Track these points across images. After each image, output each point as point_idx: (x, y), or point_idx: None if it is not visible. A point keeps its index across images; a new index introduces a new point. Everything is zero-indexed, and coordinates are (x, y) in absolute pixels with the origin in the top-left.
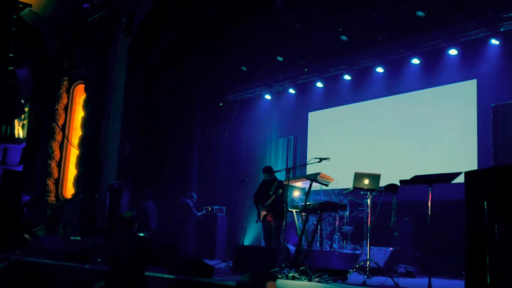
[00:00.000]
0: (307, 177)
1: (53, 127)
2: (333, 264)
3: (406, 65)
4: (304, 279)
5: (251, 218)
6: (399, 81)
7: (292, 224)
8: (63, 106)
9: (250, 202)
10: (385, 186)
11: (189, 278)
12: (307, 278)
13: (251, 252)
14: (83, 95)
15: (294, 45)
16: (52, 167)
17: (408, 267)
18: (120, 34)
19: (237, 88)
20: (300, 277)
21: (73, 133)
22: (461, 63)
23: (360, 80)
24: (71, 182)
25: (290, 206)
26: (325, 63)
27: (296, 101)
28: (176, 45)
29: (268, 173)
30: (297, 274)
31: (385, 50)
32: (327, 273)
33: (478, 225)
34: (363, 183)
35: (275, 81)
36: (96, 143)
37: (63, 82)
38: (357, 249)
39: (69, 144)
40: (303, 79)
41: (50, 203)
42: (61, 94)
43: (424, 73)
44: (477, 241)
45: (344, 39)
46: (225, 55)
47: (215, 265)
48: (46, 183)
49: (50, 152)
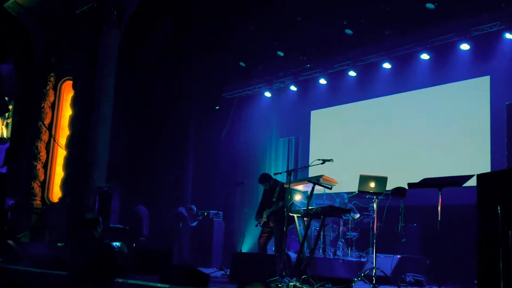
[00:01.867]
0: (309, 180)
1: (39, 126)
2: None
3: (415, 61)
4: None
5: (250, 223)
6: (407, 77)
7: (293, 230)
8: (50, 104)
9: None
10: (392, 190)
11: (183, 287)
12: (309, 287)
13: (250, 259)
14: (71, 92)
15: (295, 39)
16: (38, 168)
17: (417, 275)
18: (111, 27)
19: (235, 85)
20: (302, 286)
21: (61, 133)
22: (474, 59)
23: (366, 77)
24: (58, 185)
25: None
26: (329, 59)
27: (297, 99)
28: (170, 39)
29: (265, 182)
30: (298, 283)
31: (393, 45)
32: (330, 282)
33: (491, 231)
34: (369, 186)
35: (276, 77)
36: (85, 143)
37: (50, 78)
38: (363, 256)
39: (56, 144)
40: (305, 76)
41: (36, 207)
42: (48, 91)
43: (434, 69)
44: (490, 248)
45: (349, 33)
46: (222, 50)
47: (211, 273)
48: (31, 186)
49: (36, 153)
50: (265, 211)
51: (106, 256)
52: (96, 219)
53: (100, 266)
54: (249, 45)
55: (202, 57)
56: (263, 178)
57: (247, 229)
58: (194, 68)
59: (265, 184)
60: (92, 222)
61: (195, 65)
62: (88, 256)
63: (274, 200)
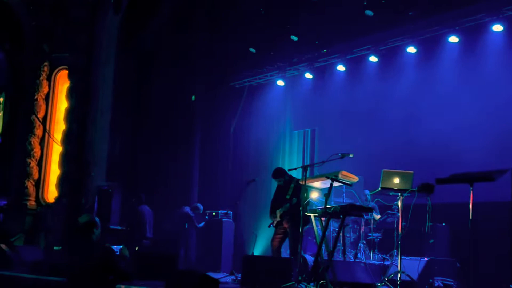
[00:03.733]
0: (327, 176)
1: (32, 120)
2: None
3: (442, 44)
4: None
5: (262, 224)
6: (434, 62)
7: (310, 231)
8: (44, 96)
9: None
10: (419, 186)
11: None
12: None
13: (262, 263)
14: (66, 83)
15: (310, 22)
16: (31, 166)
17: (446, 280)
18: (108, 12)
19: (244, 73)
20: None
21: (56, 127)
22: (508, 41)
23: (388, 62)
24: (54, 184)
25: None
26: (348, 43)
27: (313, 88)
28: (172, 24)
29: (279, 178)
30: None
31: (418, 27)
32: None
33: None
34: (393, 182)
35: (289, 64)
36: (82, 138)
37: (43, 68)
38: (386, 259)
39: (51, 139)
40: (322, 62)
41: (30, 208)
42: (41, 82)
43: (463, 53)
44: None
45: (369, 14)
46: (230, 35)
47: (221, 278)
48: (24, 185)
49: (29, 149)
50: (278, 210)
51: (105, 261)
52: (91, 222)
53: (100, 271)
54: (259, 29)
55: (207, 43)
56: (277, 173)
57: (259, 230)
58: (200, 56)
59: (279, 180)
60: (87, 225)
61: (200, 52)
62: (86, 261)
63: (287, 198)
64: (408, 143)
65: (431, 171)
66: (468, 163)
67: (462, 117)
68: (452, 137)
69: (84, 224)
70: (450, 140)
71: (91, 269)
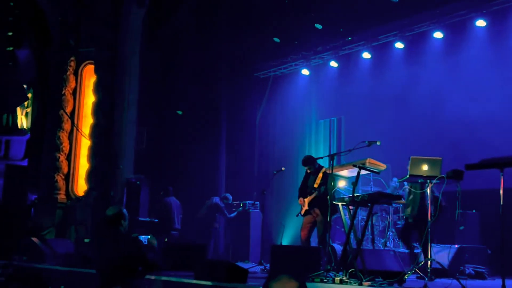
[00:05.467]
0: (354, 164)
1: (61, 114)
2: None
3: (470, 28)
4: (354, 283)
5: (290, 213)
6: (461, 47)
7: (338, 220)
8: (71, 91)
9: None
10: (448, 172)
11: (220, 284)
12: (357, 281)
13: (291, 253)
14: (93, 77)
15: (334, 9)
16: (60, 160)
17: (477, 267)
18: (132, 5)
19: (268, 63)
20: (349, 280)
21: (84, 121)
22: None
23: (415, 48)
24: (83, 178)
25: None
26: (373, 30)
27: (338, 76)
28: (197, 15)
29: (309, 165)
30: (345, 277)
31: (445, 12)
32: (380, 276)
33: None
34: (421, 169)
35: (314, 53)
36: (109, 132)
37: (70, 63)
38: (416, 247)
39: (79, 134)
40: (347, 50)
41: (60, 202)
42: (68, 76)
43: (491, 37)
44: None
45: (394, 1)
46: (254, 25)
47: (250, 268)
48: (54, 179)
49: (58, 143)
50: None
51: (134, 252)
52: (119, 213)
53: (129, 262)
54: (283, 18)
55: (232, 34)
56: (308, 161)
57: (287, 220)
58: (224, 47)
59: (309, 167)
60: (115, 217)
61: (225, 43)
62: (115, 253)
63: (315, 186)
64: (436, 130)
65: (459, 157)
66: (498, 148)
67: (491, 101)
68: (481, 122)
69: (112, 216)
70: (479, 125)
71: (120, 260)
